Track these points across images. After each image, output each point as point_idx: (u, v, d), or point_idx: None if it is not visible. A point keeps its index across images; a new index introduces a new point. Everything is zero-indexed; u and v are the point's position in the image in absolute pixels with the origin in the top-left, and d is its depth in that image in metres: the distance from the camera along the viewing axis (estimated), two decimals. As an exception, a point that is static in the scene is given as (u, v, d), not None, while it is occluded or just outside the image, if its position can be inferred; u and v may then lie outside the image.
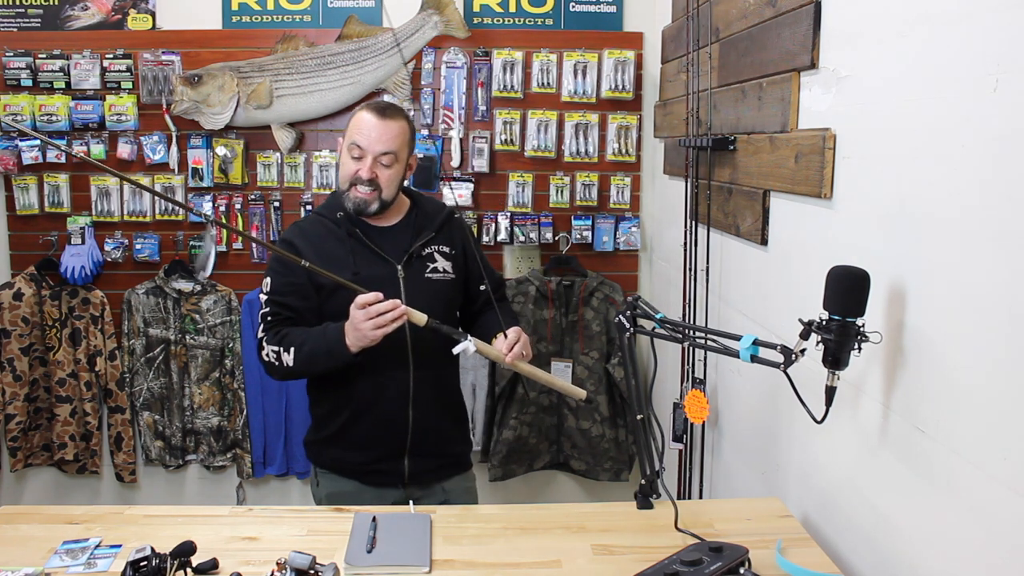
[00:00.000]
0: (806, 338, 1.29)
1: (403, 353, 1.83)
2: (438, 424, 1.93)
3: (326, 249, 1.84)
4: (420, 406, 1.87)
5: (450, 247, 1.94)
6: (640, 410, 1.64)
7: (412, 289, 1.84)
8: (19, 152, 2.98)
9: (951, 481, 1.19)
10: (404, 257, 1.86)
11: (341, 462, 1.92)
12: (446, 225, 1.96)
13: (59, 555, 1.42)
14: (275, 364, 1.81)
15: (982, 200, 1.12)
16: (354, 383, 1.85)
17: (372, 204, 1.83)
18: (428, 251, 1.91)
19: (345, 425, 1.89)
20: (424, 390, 1.87)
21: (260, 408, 3.11)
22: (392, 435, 1.88)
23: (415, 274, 1.87)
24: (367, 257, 1.85)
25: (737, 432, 2.15)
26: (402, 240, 1.89)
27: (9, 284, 3.02)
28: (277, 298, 1.85)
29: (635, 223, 3.12)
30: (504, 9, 3.07)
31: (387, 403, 1.86)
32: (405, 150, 1.87)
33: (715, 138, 2.12)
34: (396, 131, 1.83)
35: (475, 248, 2.03)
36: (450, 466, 1.98)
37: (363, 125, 1.82)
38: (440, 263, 1.91)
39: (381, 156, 1.81)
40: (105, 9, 3.04)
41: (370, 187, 1.82)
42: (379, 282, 1.78)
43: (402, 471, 1.89)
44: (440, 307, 1.85)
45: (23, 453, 3.08)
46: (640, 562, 1.37)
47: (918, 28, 1.28)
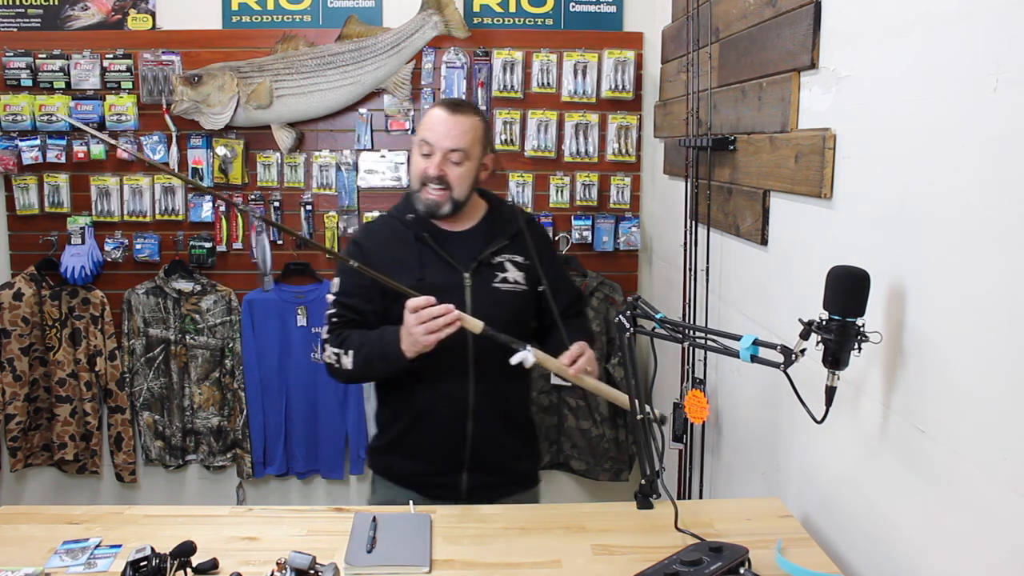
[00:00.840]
0: (806, 338, 1.29)
1: (464, 364, 1.78)
2: (500, 439, 1.85)
3: (393, 252, 1.80)
4: (481, 420, 1.81)
5: (524, 256, 1.86)
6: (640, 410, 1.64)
7: (478, 298, 1.78)
8: (19, 152, 2.99)
9: (951, 481, 1.19)
10: (473, 264, 1.80)
11: (398, 470, 1.88)
12: (522, 233, 1.87)
13: (59, 555, 1.42)
14: (335, 366, 1.79)
15: (982, 200, 1.12)
16: (413, 391, 1.81)
17: (444, 206, 1.77)
18: (499, 259, 1.83)
19: (403, 433, 1.85)
20: (486, 404, 1.81)
21: (260, 408, 3.11)
22: (450, 448, 1.82)
23: (483, 282, 1.81)
24: (434, 262, 1.80)
25: (737, 432, 2.15)
26: (473, 246, 1.82)
27: (9, 284, 3.02)
28: (343, 299, 1.82)
29: (635, 223, 3.12)
30: (504, 9, 3.07)
31: (446, 414, 1.81)
32: (477, 147, 1.79)
33: (715, 138, 2.12)
34: (467, 127, 1.76)
35: (553, 258, 1.94)
36: (512, 483, 1.89)
37: (433, 121, 1.76)
38: (511, 272, 1.83)
39: (450, 153, 1.74)
40: (105, 9, 3.04)
41: (440, 186, 1.75)
42: (444, 289, 1.73)
43: (460, 485, 1.84)
44: (507, 318, 1.76)
45: (23, 453, 3.08)
46: (640, 562, 1.37)
47: (918, 28, 1.28)
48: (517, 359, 1.63)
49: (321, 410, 3.14)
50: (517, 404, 1.92)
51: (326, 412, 3.14)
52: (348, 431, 3.16)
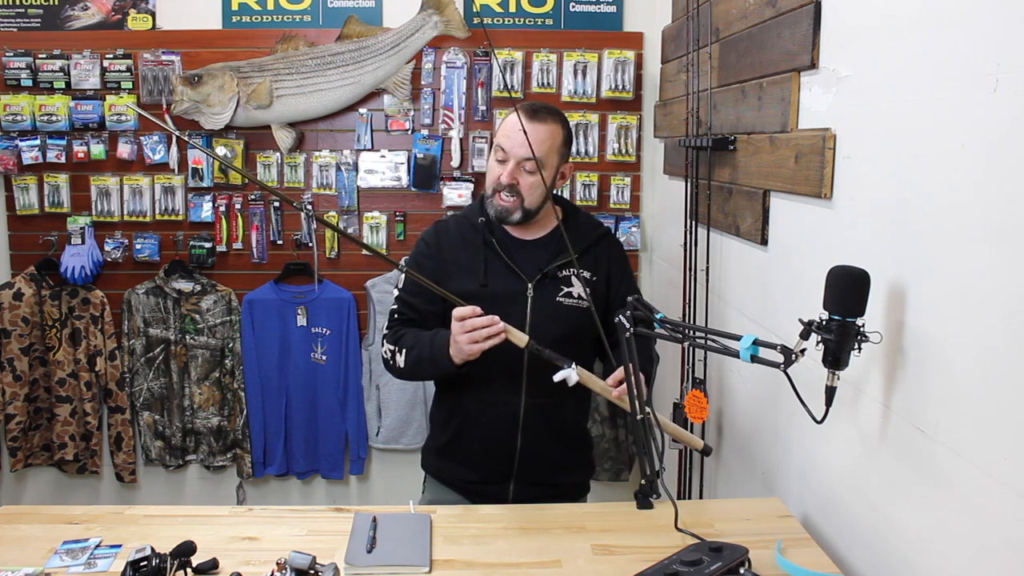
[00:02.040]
0: (806, 338, 1.29)
1: (516, 377, 1.76)
2: (550, 454, 1.83)
3: (460, 254, 1.78)
4: (530, 433, 1.79)
5: (593, 271, 1.82)
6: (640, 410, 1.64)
7: (539, 310, 1.76)
8: (19, 152, 2.99)
9: (951, 481, 1.19)
10: (537, 275, 1.77)
11: (447, 473, 1.88)
12: (594, 247, 1.84)
13: (59, 555, 1.42)
14: (390, 363, 1.79)
15: (982, 200, 1.12)
16: (465, 397, 1.80)
17: (514, 213, 1.74)
18: (566, 273, 1.78)
19: (453, 437, 1.85)
20: (536, 417, 1.78)
21: (260, 408, 3.11)
22: (498, 458, 1.81)
23: (545, 295, 1.77)
24: (499, 269, 1.77)
25: (737, 432, 2.15)
26: (540, 257, 1.79)
27: (9, 284, 3.02)
28: (406, 297, 1.82)
29: (635, 223, 3.12)
30: (504, 9, 3.07)
31: (495, 425, 1.79)
32: (554, 156, 1.75)
33: (715, 138, 2.12)
34: (544, 135, 1.72)
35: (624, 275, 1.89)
36: (560, 496, 1.82)
37: (509, 127, 1.72)
38: (576, 288, 1.78)
39: (524, 162, 1.71)
40: (105, 9, 3.04)
41: (511, 194, 1.73)
42: (506, 298, 1.72)
43: (506, 496, 1.83)
44: (567, 333, 1.74)
45: (23, 453, 3.08)
46: (640, 562, 1.37)
47: (918, 28, 1.28)
48: (560, 376, 1.60)
49: (321, 410, 3.14)
50: (571, 418, 1.88)
51: (326, 412, 3.14)
52: (348, 431, 3.16)
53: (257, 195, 3.08)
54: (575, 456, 1.92)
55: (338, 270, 3.12)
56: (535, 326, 1.73)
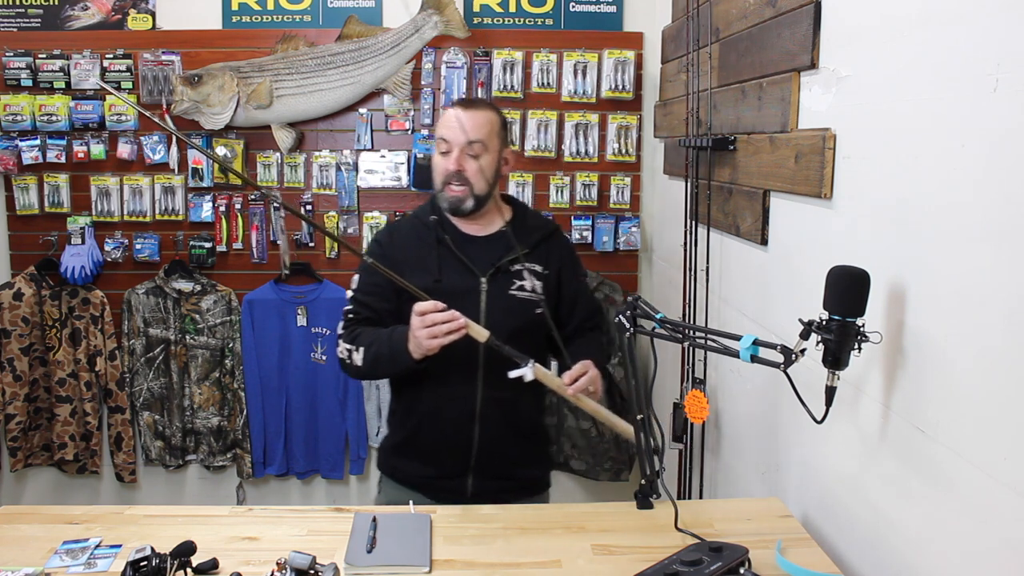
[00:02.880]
0: (806, 338, 1.29)
1: (472, 369, 1.78)
2: (507, 446, 1.84)
3: (414, 252, 1.81)
4: (488, 426, 1.81)
5: (544, 266, 1.85)
6: (640, 410, 1.64)
7: (493, 304, 1.78)
8: (19, 152, 2.99)
9: (951, 481, 1.19)
10: (491, 270, 1.80)
11: (404, 472, 1.89)
12: (544, 243, 1.87)
13: (59, 555, 1.42)
14: (347, 362, 1.80)
15: (982, 200, 1.12)
16: (422, 393, 1.82)
17: (466, 201, 1.77)
18: (518, 267, 1.82)
19: (411, 435, 1.86)
20: (494, 411, 1.80)
21: (260, 408, 3.11)
22: (456, 452, 1.82)
23: (499, 289, 1.80)
24: (452, 265, 1.80)
25: (737, 432, 2.15)
26: (492, 252, 1.82)
27: (9, 284, 3.02)
28: (360, 297, 1.83)
29: (635, 223, 3.12)
30: (504, 9, 3.07)
31: (452, 419, 1.81)
32: (495, 140, 1.80)
33: (715, 138, 2.12)
34: (481, 120, 1.77)
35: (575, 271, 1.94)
36: (518, 490, 1.86)
37: (447, 119, 1.78)
38: (528, 281, 1.82)
39: (467, 147, 1.75)
40: (105, 9, 3.04)
41: (460, 183, 1.76)
42: (460, 292, 1.74)
43: (465, 489, 1.83)
44: (520, 326, 1.77)
45: (23, 453, 3.08)
46: (640, 562, 1.37)
47: (918, 28, 1.28)
48: (516, 374, 1.63)
49: (321, 410, 3.14)
50: (527, 411, 1.89)
51: (326, 412, 3.14)
52: (348, 431, 3.15)
53: (257, 195, 3.08)
54: (532, 450, 1.94)
55: (338, 270, 3.12)
56: (490, 320, 1.74)
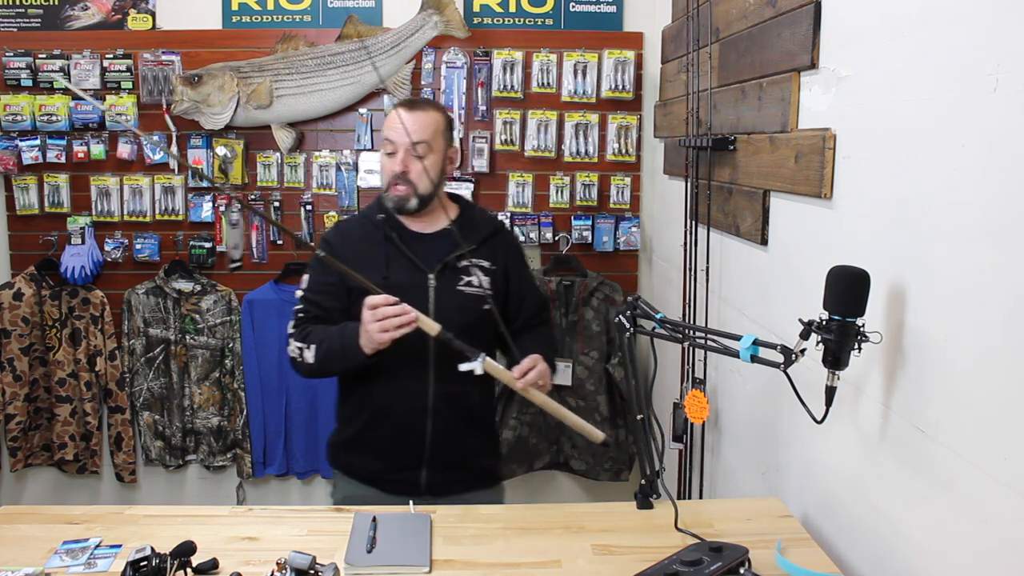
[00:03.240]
0: (806, 338, 1.29)
1: (423, 362, 1.79)
2: (459, 438, 1.86)
3: (362, 251, 1.81)
4: (440, 418, 1.82)
5: (491, 262, 1.87)
6: (640, 410, 1.64)
7: (442, 300, 1.80)
8: (19, 152, 2.99)
9: (951, 481, 1.19)
10: (438, 266, 1.82)
11: (358, 467, 1.90)
12: (491, 239, 1.89)
13: (59, 555, 1.42)
14: (298, 360, 1.81)
15: (982, 200, 1.12)
16: (373, 388, 1.82)
17: (409, 200, 1.79)
18: (465, 263, 1.84)
19: (363, 430, 1.87)
20: (445, 402, 1.82)
21: (260, 408, 3.11)
22: (408, 445, 1.84)
23: (447, 285, 1.82)
24: (400, 263, 1.81)
25: (737, 432, 2.15)
26: (440, 249, 1.84)
27: (9, 284, 3.02)
28: (310, 296, 1.84)
29: (635, 223, 3.12)
30: (504, 9, 3.07)
31: (404, 412, 1.82)
32: (440, 140, 1.82)
33: (715, 138, 2.12)
34: (426, 120, 1.79)
35: (522, 267, 1.97)
36: (472, 480, 1.90)
37: (392, 120, 1.80)
38: (476, 277, 1.84)
39: (412, 147, 1.77)
40: (105, 9, 3.04)
41: (404, 183, 1.78)
42: (408, 289, 1.74)
43: (419, 482, 1.85)
44: (469, 322, 1.78)
45: (23, 453, 3.08)
46: (640, 562, 1.37)
47: (918, 28, 1.28)
48: (466, 367, 1.64)
49: (321, 410, 3.14)
50: (479, 403, 1.92)
51: (326, 412, 3.13)
52: (348, 431, 3.15)
53: (257, 195, 3.08)
54: (484, 441, 1.96)
55: (338, 270, 3.12)
56: (438, 316, 1.74)
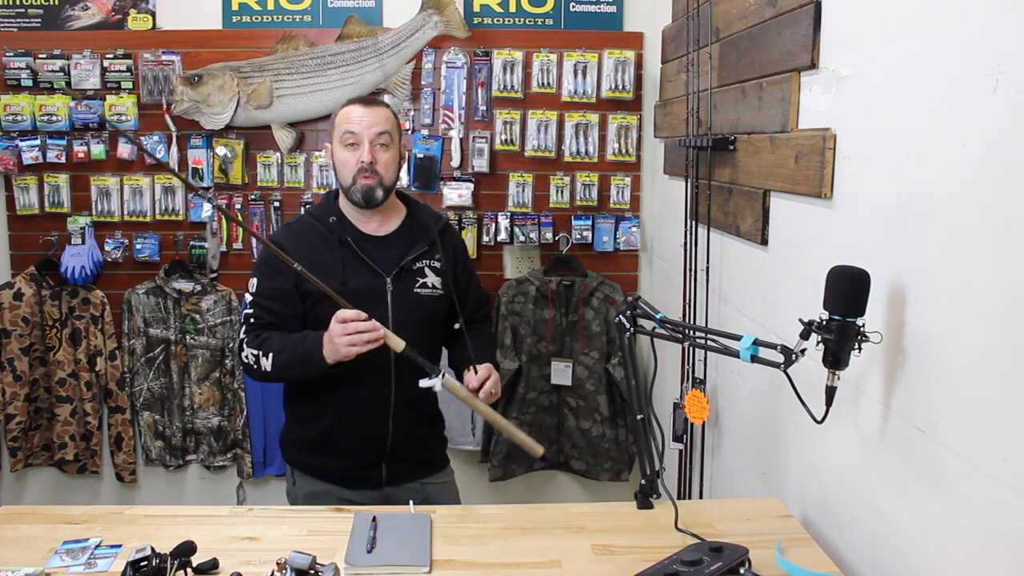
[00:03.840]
0: (806, 338, 1.29)
1: (385, 368, 1.82)
2: (417, 433, 1.94)
3: (316, 255, 1.81)
4: (400, 418, 1.87)
5: (442, 262, 1.90)
6: (640, 410, 1.64)
7: (399, 303, 1.83)
8: (19, 152, 2.99)
9: (951, 481, 1.19)
10: (395, 270, 1.84)
11: (318, 467, 1.92)
12: (440, 238, 1.91)
13: (59, 555, 1.42)
14: (253, 367, 1.81)
15: (982, 200, 1.12)
16: (335, 393, 1.84)
17: (376, 190, 1.82)
18: (419, 265, 1.88)
19: (324, 432, 1.88)
20: (405, 403, 1.86)
21: (260, 408, 3.11)
22: (371, 445, 1.88)
23: (404, 288, 1.85)
24: (357, 267, 1.82)
25: (737, 432, 2.15)
26: (394, 252, 1.86)
27: (9, 284, 3.02)
28: (261, 301, 1.84)
29: (635, 223, 3.12)
30: (504, 9, 3.07)
31: (367, 415, 1.85)
32: (397, 133, 1.88)
33: (715, 138, 2.12)
34: (386, 114, 1.85)
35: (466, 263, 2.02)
36: (427, 465, 1.99)
37: (352, 114, 1.83)
38: (430, 278, 1.88)
39: (377, 138, 1.81)
40: (105, 9, 3.04)
41: (372, 173, 1.80)
42: (366, 294, 1.77)
43: (379, 477, 1.91)
44: (426, 323, 1.86)
45: (23, 453, 3.08)
46: (640, 562, 1.37)
47: (918, 28, 1.28)
48: (425, 384, 1.70)
49: (321, 410, 3.14)
50: (431, 399, 1.96)
51: (326, 412, 3.14)
52: (348, 431, 3.15)
53: (257, 195, 3.08)
54: (435, 430, 2.04)
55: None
56: (397, 318, 1.79)
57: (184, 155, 3.04)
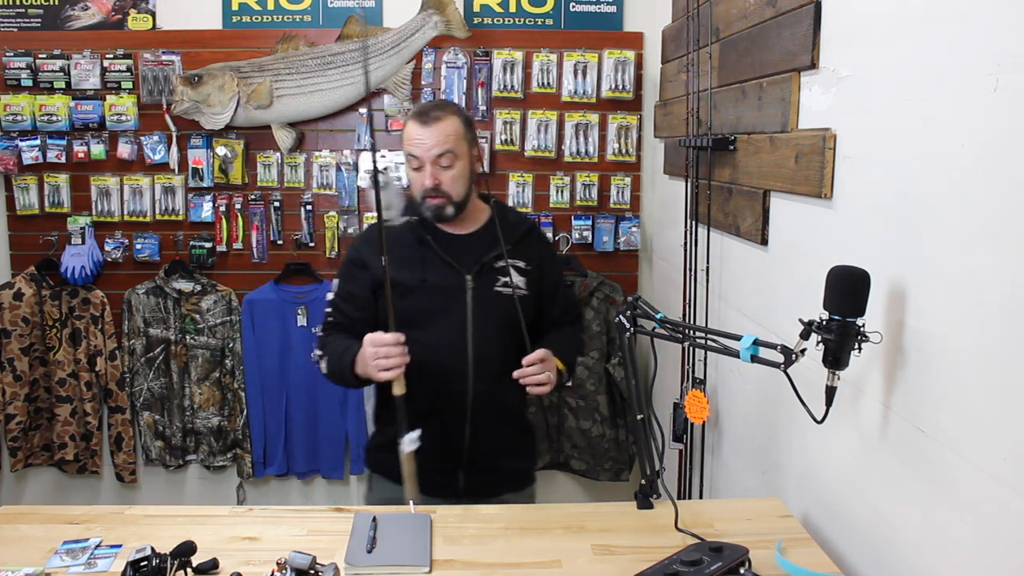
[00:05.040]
0: (806, 338, 1.29)
1: (463, 367, 1.80)
2: (497, 440, 1.87)
3: (396, 254, 1.80)
4: (478, 421, 1.83)
5: (527, 262, 1.87)
6: (640, 410, 1.64)
7: (479, 301, 1.80)
8: (19, 152, 2.99)
9: (951, 481, 1.19)
10: (475, 267, 1.81)
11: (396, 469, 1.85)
12: (526, 239, 1.89)
13: (59, 555, 1.42)
14: (318, 366, 1.85)
15: (982, 200, 1.12)
16: (413, 393, 1.80)
17: (446, 209, 1.78)
18: (502, 264, 1.83)
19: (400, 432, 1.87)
20: (484, 406, 1.82)
21: (260, 408, 3.11)
22: (447, 448, 1.84)
23: (484, 286, 1.81)
24: (437, 265, 1.81)
25: (737, 432, 2.15)
26: (476, 250, 1.83)
27: (9, 284, 3.02)
28: (338, 302, 1.87)
29: (635, 223, 3.12)
30: (504, 9, 3.07)
31: (444, 418, 1.82)
32: (463, 144, 1.79)
33: (715, 138, 2.12)
34: (446, 129, 1.75)
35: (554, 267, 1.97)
36: (506, 482, 1.90)
37: (411, 134, 1.77)
38: (513, 277, 1.83)
39: (438, 159, 1.75)
40: (105, 9, 3.04)
41: (437, 194, 1.77)
42: (445, 291, 1.76)
43: (456, 484, 1.86)
44: (507, 324, 1.78)
45: (23, 453, 3.08)
46: (640, 562, 1.37)
47: (918, 28, 1.28)
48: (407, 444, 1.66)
49: (321, 410, 3.14)
50: (515, 405, 1.92)
51: (326, 412, 3.14)
52: (348, 431, 3.15)
53: (257, 195, 3.08)
54: (520, 441, 1.97)
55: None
56: (476, 317, 1.77)
57: (184, 155, 3.04)
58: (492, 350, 1.78)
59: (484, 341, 1.80)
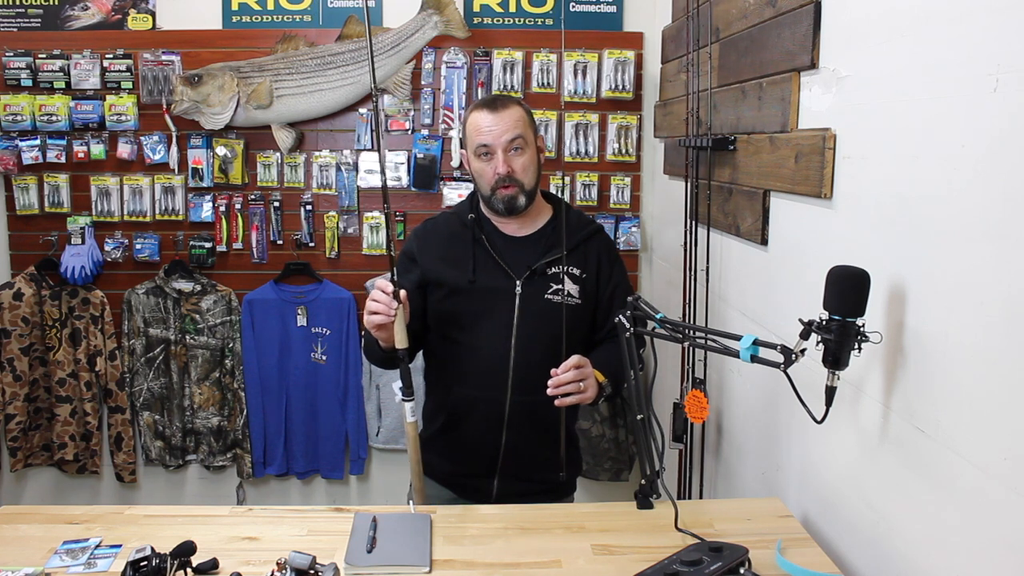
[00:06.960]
0: (806, 338, 1.29)
1: (503, 373, 1.77)
2: (534, 450, 1.82)
3: (449, 250, 1.79)
4: (515, 430, 1.80)
5: (582, 269, 1.81)
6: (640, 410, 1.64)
7: (527, 307, 1.76)
8: (19, 152, 2.99)
9: (951, 481, 1.19)
10: (526, 272, 1.77)
11: (436, 468, 1.87)
12: (584, 244, 1.83)
13: (59, 555, 1.42)
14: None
15: (982, 200, 1.12)
16: (452, 392, 1.82)
17: (519, 199, 1.75)
18: (555, 270, 1.77)
19: (441, 431, 1.86)
20: (522, 415, 1.78)
21: (260, 408, 3.11)
22: (483, 454, 1.82)
23: (534, 292, 1.77)
24: (488, 266, 1.78)
25: (737, 432, 2.15)
26: (530, 254, 1.79)
27: (9, 284, 3.02)
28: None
29: (635, 223, 3.12)
30: (504, 9, 3.07)
31: (481, 422, 1.80)
32: (530, 132, 1.78)
33: (715, 138, 2.12)
34: (516, 115, 1.75)
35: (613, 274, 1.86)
36: (542, 492, 1.83)
37: (480, 124, 1.75)
38: (566, 285, 1.77)
39: (510, 144, 1.73)
40: (105, 9, 3.04)
41: (511, 182, 1.74)
42: (493, 295, 1.74)
43: (490, 490, 1.85)
44: (556, 332, 1.71)
45: (23, 453, 3.08)
46: (640, 562, 1.37)
47: (918, 28, 1.28)
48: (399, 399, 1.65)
49: (321, 410, 3.14)
50: (556, 415, 1.77)
51: (326, 412, 3.14)
52: (348, 431, 3.16)
53: (257, 195, 3.08)
54: (559, 454, 1.84)
55: (338, 270, 3.12)
56: (522, 324, 1.74)
57: (184, 155, 3.04)
58: (535, 359, 1.73)
59: (527, 350, 1.75)
